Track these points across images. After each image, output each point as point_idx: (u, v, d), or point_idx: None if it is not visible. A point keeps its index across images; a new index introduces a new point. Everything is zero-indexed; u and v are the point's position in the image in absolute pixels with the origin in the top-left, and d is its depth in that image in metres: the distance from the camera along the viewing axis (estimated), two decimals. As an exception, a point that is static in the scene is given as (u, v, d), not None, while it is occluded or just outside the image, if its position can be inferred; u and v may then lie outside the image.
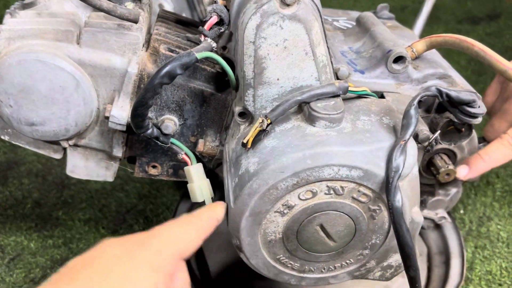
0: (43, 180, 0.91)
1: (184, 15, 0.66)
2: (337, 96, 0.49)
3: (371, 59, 0.58)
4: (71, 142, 0.58)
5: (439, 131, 0.51)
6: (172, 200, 0.87)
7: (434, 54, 0.62)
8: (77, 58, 0.52)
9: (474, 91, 0.55)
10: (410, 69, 0.57)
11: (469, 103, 0.49)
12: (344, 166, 0.44)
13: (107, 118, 0.54)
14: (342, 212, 0.47)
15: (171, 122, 0.56)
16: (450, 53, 1.22)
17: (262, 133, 0.47)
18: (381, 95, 0.56)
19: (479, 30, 1.33)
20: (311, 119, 0.47)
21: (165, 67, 0.46)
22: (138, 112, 0.49)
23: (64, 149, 0.60)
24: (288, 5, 0.46)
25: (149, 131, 0.52)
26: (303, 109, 0.49)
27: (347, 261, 0.52)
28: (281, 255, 0.50)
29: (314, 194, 0.46)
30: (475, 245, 0.77)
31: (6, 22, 0.51)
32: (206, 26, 0.50)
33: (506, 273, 0.72)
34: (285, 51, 0.48)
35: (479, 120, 0.50)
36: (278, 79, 0.49)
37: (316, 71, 0.49)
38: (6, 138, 0.58)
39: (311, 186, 0.45)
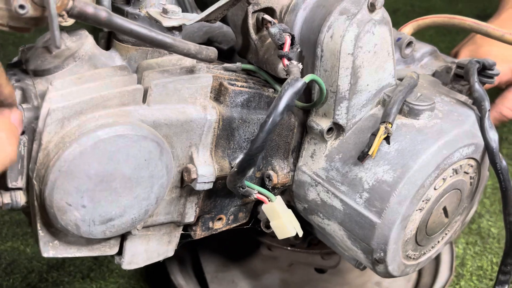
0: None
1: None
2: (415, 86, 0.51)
3: (378, 50, 0.62)
4: (139, 227, 0.46)
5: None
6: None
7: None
8: (151, 120, 0.41)
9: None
10: (412, 51, 0.63)
11: (491, 68, 0.58)
12: (465, 146, 0.48)
13: (192, 180, 0.45)
14: (457, 188, 0.51)
15: (248, 163, 0.50)
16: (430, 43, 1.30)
17: (386, 140, 0.47)
18: (408, 79, 0.60)
19: (470, 30, 1.45)
20: (414, 113, 0.49)
21: (281, 100, 0.41)
22: (255, 160, 0.43)
23: (122, 239, 0.47)
24: (376, 10, 0.46)
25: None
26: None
27: (446, 232, 0.56)
28: (410, 250, 0.52)
29: (444, 180, 0.48)
30: (466, 242, 0.80)
31: (49, 99, 0.37)
32: (286, 49, 0.46)
33: (497, 268, 0.72)
34: (374, 55, 0.48)
35: (494, 80, 0.60)
36: (367, 85, 0.49)
37: (393, 69, 0.51)
38: (51, 254, 0.42)
39: (444, 174, 0.48)
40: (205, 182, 0.45)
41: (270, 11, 0.50)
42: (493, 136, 0.50)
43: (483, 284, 0.75)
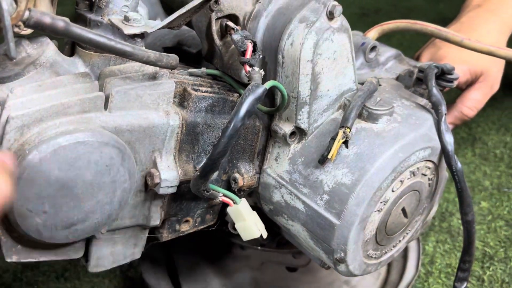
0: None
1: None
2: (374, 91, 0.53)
3: (343, 54, 0.63)
4: (103, 230, 0.46)
5: (442, 99, 0.60)
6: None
7: (372, 39, 0.71)
8: (112, 126, 0.42)
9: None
10: (377, 55, 0.65)
11: (450, 72, 0.60)
12: (421, 149, 0.50)
13: (156, 185, 0.46)
14: (416, 190, 0.53)
15: (213, 166, 0.51)
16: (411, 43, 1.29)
17: (344, 144, 0.48)
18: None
19: (451, 31, 1.46)
20: (373, 118, 0.50)
21: (242, 107, 0.43)
22: (217, 164, 0.44)
23: (87, 242, 0.48)
24: (334, 18, 0.47)
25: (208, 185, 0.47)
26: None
27: (407, 231, 0.58)
28: (370, 250, 0.53)
29: (402, 182, 0.50)
30: (436, 240, 0.81)
31: (8, 107, 0.38)
32: (248, 55, 0.47)
33: None
34: (334, 62, 0.49)
35: (455, 84, 0.62)
36: (328, 90, 0.50)
37: (354, 74, 0.52)
38: (14, 259, 0.43)
39: (401, 176, 0.49)
40: (168, 187, 0.46)
41: (233, 18, 0.51)
42: (449, 139, 0.52)
43: (450, 282, 0.77)
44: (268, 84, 0.45)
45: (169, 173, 0.46)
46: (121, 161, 0.42)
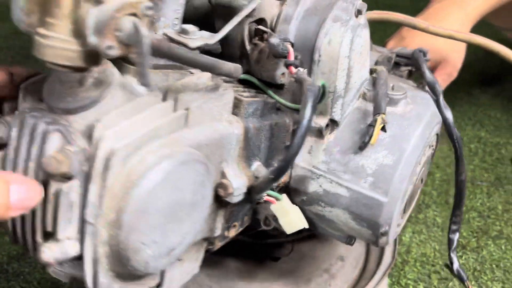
0: None
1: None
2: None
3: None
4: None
5: (424, 79, 0.68)
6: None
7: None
8: (194, 142, 0.41)
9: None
10: (357, 45, 0.71)
11: (425, 55, 0.69)
12: (436, 124, 0.57)
13: (229, 195, 0.46)
14: (427, 161, 0.60)
15: (262, 169, 0.52)
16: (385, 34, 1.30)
17: (382, 129, 0.53)
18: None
19: (431, 28, 1.47)
20: (394, 103, 0.56)
21: (308, 106, 0.45)
22: (290, 165, 0.46)
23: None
24: (361, 15, 0.52)
25: (269, 185, 0.49)
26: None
27: (415, 199, 0.66)
28: (400, 218, 0.60)
29: (425, 155, 0.57)
30: (413, 230, 0.84)
31: (105, 137, 0.35)
32: (292, 57, 0.49)
33: (439, 255, 0.79)
34: (360, 56, 0.54)
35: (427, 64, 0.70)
36: (355, 82, 0.55)
37: (369, 65, 0.57)
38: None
39: (425, 150, 0.56)
40: (240, 194, 0.47)
41: (261, 21, 0.52)
42: (448, 113, 0.60)
43: (425, 270, 0.81)
44: (320, 82, 0.48)
45: (239, 181, 0.46)
46: (208, 175, 0.42)
